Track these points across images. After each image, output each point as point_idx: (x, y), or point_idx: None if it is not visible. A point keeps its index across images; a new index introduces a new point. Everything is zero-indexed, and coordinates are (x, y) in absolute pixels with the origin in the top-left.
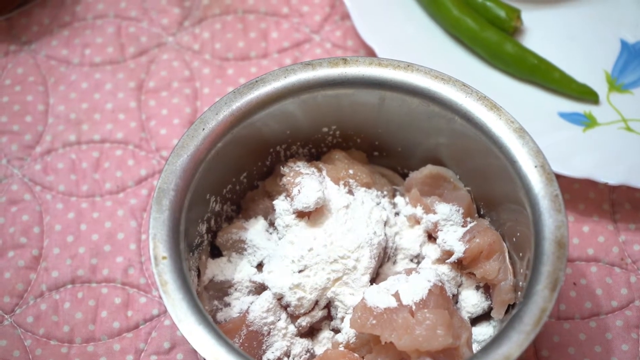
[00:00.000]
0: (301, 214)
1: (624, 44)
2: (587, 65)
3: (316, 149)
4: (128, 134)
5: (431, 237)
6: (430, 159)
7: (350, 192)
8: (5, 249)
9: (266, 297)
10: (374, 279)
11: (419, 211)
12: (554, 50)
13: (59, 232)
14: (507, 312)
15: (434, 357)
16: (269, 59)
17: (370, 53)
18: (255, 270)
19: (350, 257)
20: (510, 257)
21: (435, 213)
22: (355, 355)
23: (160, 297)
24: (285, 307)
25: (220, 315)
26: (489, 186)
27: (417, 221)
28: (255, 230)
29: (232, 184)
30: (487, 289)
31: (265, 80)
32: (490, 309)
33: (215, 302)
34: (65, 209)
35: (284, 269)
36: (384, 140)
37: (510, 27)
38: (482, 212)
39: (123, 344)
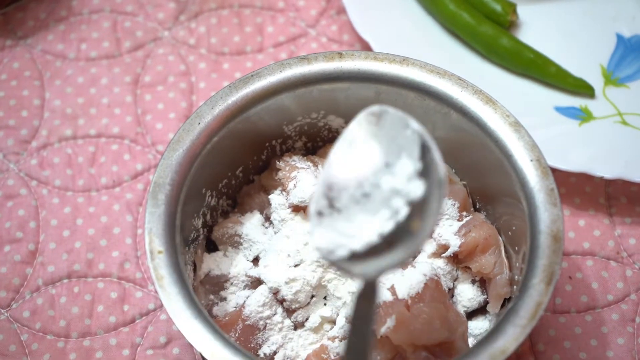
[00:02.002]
0: (297, 208)
1: (619, 38)
2: (583, 59)
3: (312, 143)
4: (124, 129)
5: None
6: None
7: None
8: (1, 243)
9: (262, 291)
10: None
11: None
12: (549, 44)
13: (55, 227)
14: (503, 306)
15: (430, 351)
16: (264, 54)
17: (366, 47)
18: (251, 264)
19: None
20: (506, 251)
21: None
22: None
23: (156, 292)
24: (281, 302)
25: (216, 310)
26: (484, 180)
27: None
28: (251, 225)
29: (227, 178)
30: (482, 283)
31: (260, 74)
32: (486, 303)
33: (211, 297)
34: (61, 204)
35: (280, 263)
36: None
37: (506, 22)
38: (477, 206)
39: (119, 338)
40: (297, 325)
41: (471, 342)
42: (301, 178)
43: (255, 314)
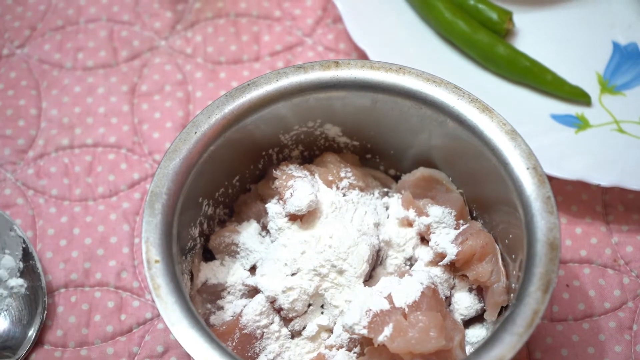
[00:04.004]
0: (294, 217)
1: (615, 46)
2: (579, 67)
3: (309, 152)
4: (121, 138)
5: (424, 239)
6: (423, 162)
7: (343, 194)
8: None
9: (259, 300)
10: (367, 282)
11: (411, 214)
12: (546, 52)
13: (52, 236)
14: (500, 314)
15: (427, 359)
16: (261, 62)
17: (362, 56)
18: (248, 273)
19: (343, 260)
20: (502, 259)
21: (427, 215)
22: None
23: (153, 301)
24: (278, 310)
25: (213, 319)
26: (481, 188)
27: (410, 224)
28: (248, 234)
29: (224, 187)
30: (480, 291)
31: (257, 83)
32: (483, 311)
33: (208, 306)
34: (58, 213)
35: (277, 272)
36: (376, 142)
37: (503, 30)
38: (474, 214)
39: (116, 347)
40: (294, 334)
41: (468, 350)
42: (298, 187)
43: (253, 322)
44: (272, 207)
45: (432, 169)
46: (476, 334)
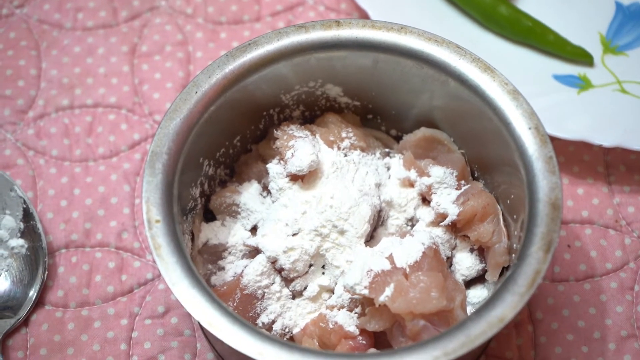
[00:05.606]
0: (295, 177)
1: (618, 6)
2: (582, 27)
3: (310, 112)
4: (121, 98)
5: (425, 200)
6: (424, 122)
7: (344, 155)
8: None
9: (260, 260)
10: (368, 242)
11: (412, 174)
12: (548, 13)
13: (53, 197)
14: (501, 274)
15: (428, 319)
16: (262, 23)
17: (364, 16)
18: (249, 233)
19: (344, 220)
20: (504, 220)
21: (429, 176)
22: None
23: (154, 261)
24: (279, 271)
25: (214, 279)
26: (483, 148)
27: (411, 184)
28: (249, 194)
29: (225, 147)
30: (481, 251)
31: (258, 43)
32: (484, 271)
33: (209, 266)
34: (59, 174)
35: (278, 232)
36: (377, 103)
37: None
38: (476, 175)
39: (117, 308)
40: (296, 295)
41: (470, 310)
42: (299, 147)
43: (254, 283)
44: (273, 167)
45: (434, 129)
46: (477, 294)
